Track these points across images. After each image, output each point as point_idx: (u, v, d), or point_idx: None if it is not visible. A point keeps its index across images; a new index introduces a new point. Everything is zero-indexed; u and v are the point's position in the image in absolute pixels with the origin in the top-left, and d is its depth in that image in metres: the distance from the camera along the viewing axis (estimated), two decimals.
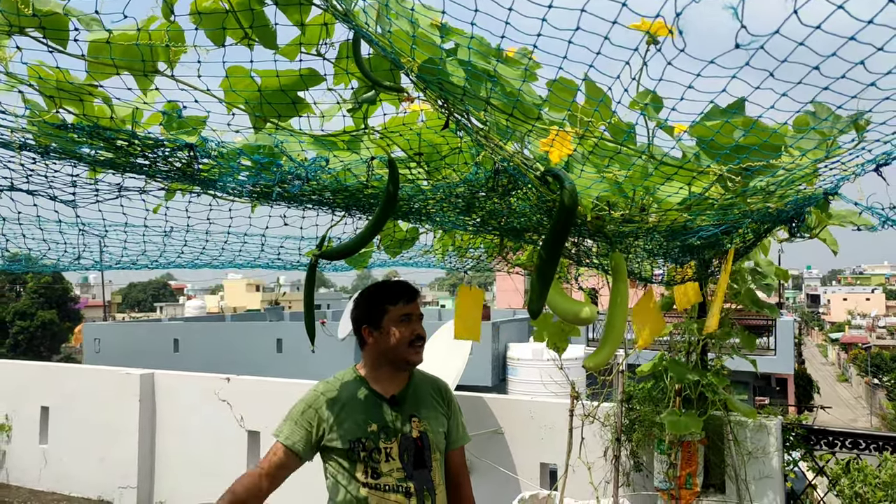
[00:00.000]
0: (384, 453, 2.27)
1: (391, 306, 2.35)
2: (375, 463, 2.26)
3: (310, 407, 2.33)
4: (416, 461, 2.32)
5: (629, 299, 2.13)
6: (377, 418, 2.30)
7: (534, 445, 5.01)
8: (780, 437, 4.27)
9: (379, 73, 1.69)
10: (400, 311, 2.35)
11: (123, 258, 2.44)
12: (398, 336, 2.33)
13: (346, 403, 2.32)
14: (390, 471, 2.27)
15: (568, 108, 1.42)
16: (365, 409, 2.31)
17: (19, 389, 7.32)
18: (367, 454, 2.26)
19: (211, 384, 6.23)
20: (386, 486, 2.26)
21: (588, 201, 1.91)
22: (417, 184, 2.22)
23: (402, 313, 2.35)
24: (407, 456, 2.30)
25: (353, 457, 2.26)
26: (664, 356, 4.34)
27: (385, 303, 2.36)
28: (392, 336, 2.33)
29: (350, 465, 2.27)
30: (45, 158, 1.69)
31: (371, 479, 2.26)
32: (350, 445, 2.26)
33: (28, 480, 7.12)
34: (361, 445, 2.26)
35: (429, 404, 2.43)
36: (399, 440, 2.30)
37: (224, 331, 21.62)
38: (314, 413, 2.31)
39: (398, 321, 2.34)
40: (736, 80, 1.29)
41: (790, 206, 1.98)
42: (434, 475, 2.36)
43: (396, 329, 2.33)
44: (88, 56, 1.42)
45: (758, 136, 1.43)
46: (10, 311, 50.60)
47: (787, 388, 25.59)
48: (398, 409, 2.35)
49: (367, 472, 2.26)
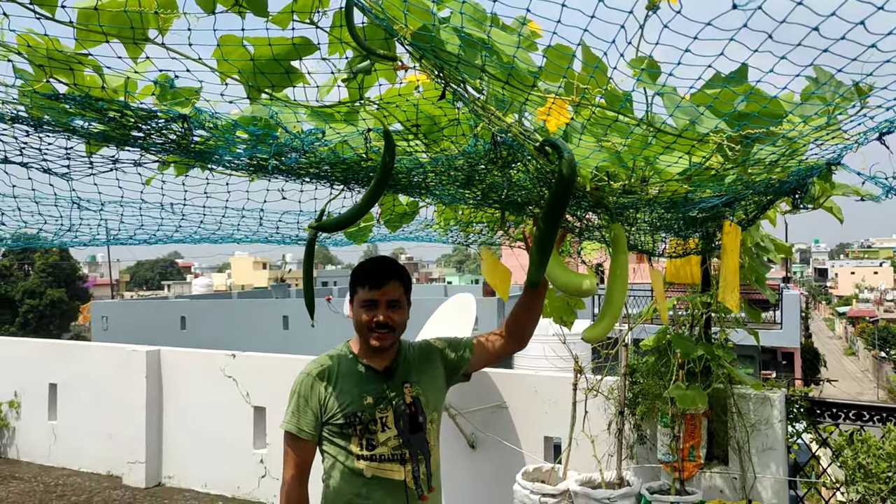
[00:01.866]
0: (380, 423, 2.31)
1: (359, 288, 2.36)
2: (371, 434, 2.29)
3: (309, 388, 2.33)
4: (412, 426, 2.37)
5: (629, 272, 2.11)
6: (372, 391, 2.33)
7: (537, 419, 5.03)
8: (783, 409, 4.27)
9: (374, 42, 1.66)
10: (363, 295, 2.34)
11: (121, 232, 2.43)
12: (358, 320, 2.36)
13: (340, 379, 2.34)
14: (386, 440, 2.31)
15: (563, 76, 1.40)
16: (359, 383, 2.33)
17: (27, 367, 7.38)
18: (364, 426, 2.29)
19: (217, 360, 6.26)
20: (381, 456, 2.30)
21: (587, 171, 1.89)
22: (416, 156, 2.20)
23: (365, 298, 2.34)
24: (402, 422, 2.34)
25: (347, 431, 2.29)
26: (668, 330, 4.34)
27: (356, 283, 2.37)
28: (357, 319, 2.36)
29: (345, 440, 2.30)
30: (38, 131, 1.68)
31: (366, 451, 2.29)
32: (346, 420, 2.29)
33: (38, 456, 7.20)
34: (358, 419, 2.29)
35: (419, 368, 2.46)
36: (393, 408, 2.34)
37: (231, 308, 21.73)
38: (313, 393, 2.32)
39: (360, 305, 2.35)
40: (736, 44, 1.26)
41: (792, 177, 1.95)
42: (429, 436, 2.44)
43: (358, 312, 2.36)
44: (78, 23, 1.40)
45: (757, 104, 1.41)
46: (19, 289, 50.93)
47: (793, 361, 25.59)
48: (390, 380, 2.38)
49: (361, 445, 2.29)
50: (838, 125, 1.48)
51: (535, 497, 4.16)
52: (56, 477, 6.71)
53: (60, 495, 6.17)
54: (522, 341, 2.64)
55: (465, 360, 2.57)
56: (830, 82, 1.39)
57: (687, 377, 4.16)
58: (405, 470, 2.34)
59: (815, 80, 1.42)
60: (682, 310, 4.50)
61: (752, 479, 4.20)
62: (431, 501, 2.43)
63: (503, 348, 2.62)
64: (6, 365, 7.55)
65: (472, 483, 5.25)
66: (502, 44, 1.36)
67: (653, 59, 1.32)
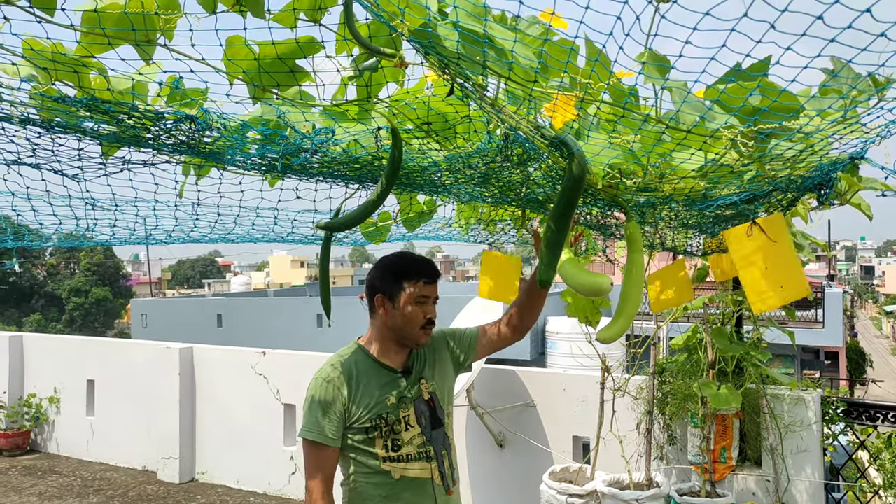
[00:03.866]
0: (403, 423, 2.27)
1: (411, 283, 2.27)
2: (396, 434, 2.25)
3: (329, 393, 2.23)
4: (433, 421, 2.34)
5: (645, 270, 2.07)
6: (393, 390, 2.29)
7: (566, 418, 4.98)
8: (819, 410, 4.16)
9: (379, 40, 1.65)
10: (419, 290, 2.28)
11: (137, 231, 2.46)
12: (411, 316, 2.27)
13: (360, 381, 2.27)
14: (411, 439, 2.27)
15: (564, 70, 1.37)
16: (380, 384, 2.28)
17: (66, 363, 7.55)
18: (389, 428, 2.25)
19: (247, 358, 6.33)
20: (408, 455, 2.26)
21: (599, 169, 1.85)
22: (430, 155, 2.18)
23: (420, 294, 2.28)
24: (424, 419, 2.31)
25: (373, 434, 2.23)
26: (699, 328, 4.26)
27: (405, 278, 2.28)
28: (404, 314, 2.27)
29: (368, 443, 2.24)
30: (49, 133, 1.70)
31: (392, 453, 2.24)
32: (372, 423, 2.23)
33: (76, 451, 7.36)
34: (384, 421, 2.24)
35: (430, 362, 2.43)
36: (414, 406, 2.30)
37: (266, 306, 21.98)
38: (335, 397, 2.23)
39: (414, 301, 2.27)
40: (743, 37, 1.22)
41: (814, 173, 1.89)
42: (448, 430, 2.40)
43: (411, 308, 2.27)
44: (83, 26, 1.41)
45: (769, 97, 1.36)
46: (65, 287, 52.21)
47: (838, 361, 25.01)
48: (409, 377, 2.34)
49: (387, 447, 2.24)
50: (857, 118, 1.42)
51: (561, 497, 4.12)
52: (94, 471, 6.86)
53: (97, 490, 6.30)
54: (522, 333, 2.60)
55: (472, 351, 2.55)
56: (846, 73, 1.34)
57: (718, 377, 4.08)
58: (431, 467, 2.31)
59: (831, 71, 1.37)
60: (714, 308, 4.42)
61: (787, 481, 4.11)
62: (455, 494, 2.41)
63: (504, 339, 2.59)
64: (47, 361, 7.73)
65: (500, 482, 5.22)
66: (502, 39, 1.34)
67: (653, 51, 1.28)
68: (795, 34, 1.12)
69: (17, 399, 7.64)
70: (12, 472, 6.81)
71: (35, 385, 7.69)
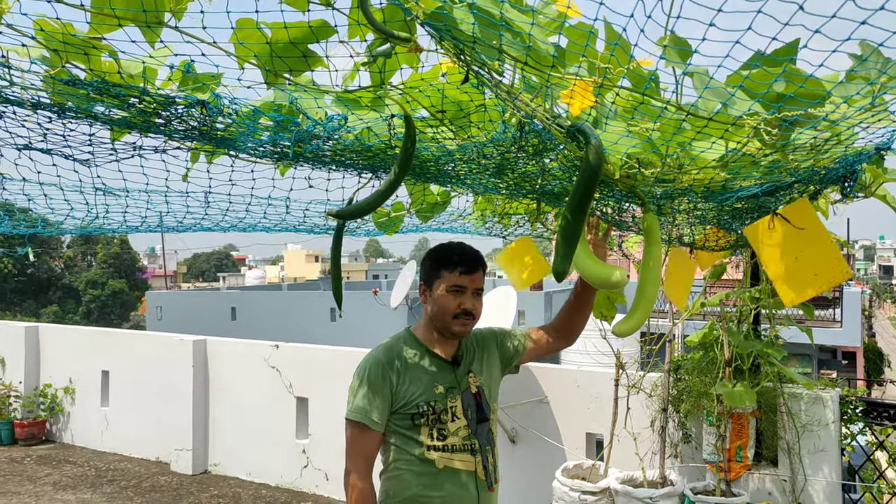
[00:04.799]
0: (450, 413, 2.25)
1: (446, 272, 2.28)
2: (443, 424, 2.23)
3: (380, 375, 2.21)
4: (479, 416, 2.32)
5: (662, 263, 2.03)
6: (442, 380, 2.28)
7: (580, 415, 4.94)
8: (837, 409, 4.10)
9: (393, 25, 1.61)
10: (453, 279, 2.27)
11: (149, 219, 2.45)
12: (444, 305, 2.27)
13: (410, 367, 2.25)
14: (457, 430, 2.25)
15: (583, 54, 1.33)
16: (430, 372, 2.27)
17: (81, 354, 7.60)
18: (436, 416, 2.23)
19: (261, 351, 6.33)
20: (453, 446, 2.24)
21: (617, 159, 1.81)
22: (444, 144, 2.15)
23: (454, 283, 2.27)
24: (470, 412, 2.29)
25: (419, 421, 2.21)
26: (715, 325, 4.20)
27: (442, 266, 2.29)
28: (437, 303, 2.28)
29: (414, 430, 2.22)
30: (61, 118, 1.68)
31: (437, 442, 2.23)
32: (419, 410, 2.21)
33: (91, 441, 7.41)
34: (431, 408, 2.22)
35: (479, 357, 2.42)
36: (461, 397, 2.29)
37: (280, 300, 22.06)
38: (385, 381, 2.21)
39: (447, 290, 2.27)
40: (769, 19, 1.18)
41: (839, 164, 1.84)
42: (493, 426, 2.39)
43: (444, 297, 2.27)
44: (92, 6, 1.39)
45: (794, 83, 1.31)
46: (82, 279, 52.72)
47: (855, 361, 24.77)
48: (458, 368, 2.33)
49: (432, 435, 2.22)
50: (885, 106, 1.38)
51: (574, 494, 4.09)
52: (108, 462, 6.89)
53: (111, 480, 6.33)
54: (571, 338, 2.63)
55: (519, 352, 2.54)
56: (875, 58, 1.29)
57: (734, 375, 4.03)
58: (475, 461, 2.29)
59: (859, 56, 1.32)
60: (730, 305, 4.36)
61: (803, 481, 4.05)
62: (495, 493, 2.40)
63: (553, 344, 2.61)
64: (62, 352, 7.79)
65: (512, 478, 5.18)
66: (519, 22, 1.30)
67: (675, 34, 1.24)
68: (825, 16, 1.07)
69: (33, 389, 7.70)
70: (27, 462, 6.86)
71: (51, 375, 7.75)
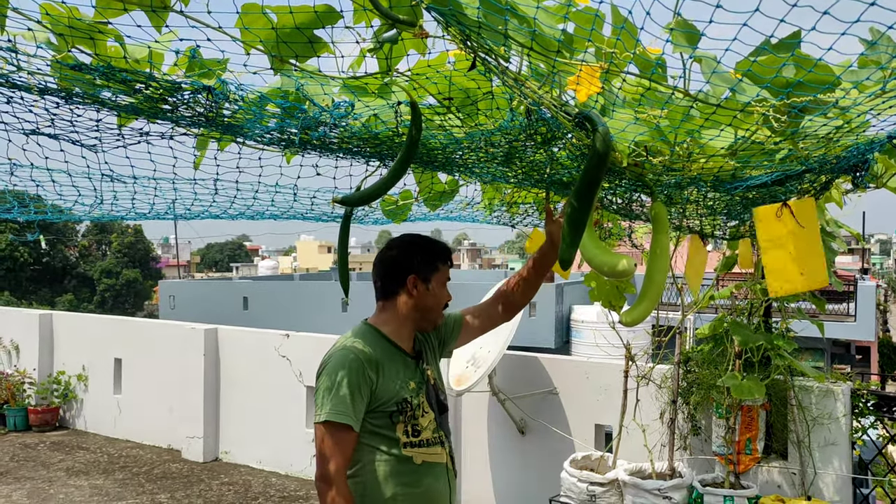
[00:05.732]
0: (421, 408, 2.24)
1: (443, 266, 2.32)
2: (416, 420, 2.21)
3: (360, 374, 2.12)
4: (440, 407, 2.33)
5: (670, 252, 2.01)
6: (412, 375, 2.26)
7: (589, 406, 4.93)
8: (848, 403, 4.07)
9: (399, 10, 1.60)
10: (447, 273, 2.34)
11: (156, 206, 2.46)
12: (439, 298, 2.31)
13: (386, 364, 2.19)
14: (427, 424, 2.25)
15: (588, 38, 1.31)
16: (402, 369, 2.24)
17: (94, 342, 7.66)
18: (412, 412, 2.20)
19: (271, 340, 6.36)
20: (427, 440, 2.23)
21: (624, 146, 1.79)
22: (451, 131, 2.14)
23: (447, 276, 2.34)
24: (433, 404, 2.30)
25: (397, 419, 2.17)
26: (725, 318, 4.18)
27: (438, 260, 2.31)
28: (435, 296, 2.30)
29: (390, 428, 2.17)
30: (68, 103, 1.69)
31: (413, 438, 2.20)
32: (398, 407, 2.17)
33: (103, 428, 7.48)
34: (408, 405, 2.19)
35: (426, 348, 2.42)
36: (425, 391, 2.28)
37: (292, 290, 22.10)
38: (365, 379, 2.12)
39: (443, 283, 2.32)
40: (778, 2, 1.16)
41: (850, 153, 1.82)
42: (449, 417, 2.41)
43: (441, 291, 2.31)
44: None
45: (803, 69, 1.30)
46: (97, 269, 53.10)
47: (869, 356, 24.57)
48: (420, 362, 2.33)
49: (408, 432, 2.19)
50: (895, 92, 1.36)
51: (582, 485, 4.08)
52: (120, 448, 6.96)
53: (123, 466, 6.39)
54: (515, 310, 2.62)
55: (454, 336, 2.53)
56: (886, 43, 1.27)
57: (744, 367, 4.01)
58: (445, 452, 2.30)
59: (869, 41, 1.30)
60: (741, 297, 4.34)
61: (813, 474, 4.03)
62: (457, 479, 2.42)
63: (494, 319, 2.59)
64: (75, 340, 7.85)
65: (521, 469, 5.19)
66: (524, 6, 1.29)
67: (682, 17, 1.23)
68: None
69: (47, 376, 7.77)
70: (41, 448, 6.93)
71: (64, 363, 7.82)
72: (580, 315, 16.48)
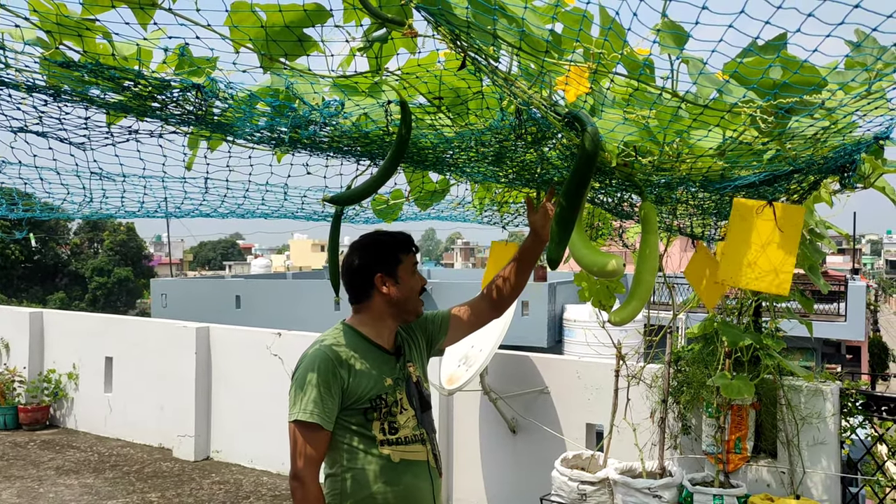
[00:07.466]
0: (399, 405, 2.23)
1: (405, 255, 2.29)
2: (393, 417, 2.21)
3: (331, 372, 2.13)
4: (422, 404, 2.33)
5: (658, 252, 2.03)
6: (389, 372, 2.26)
7: (580, 405, 4.94)
8: (837, 402, 4.09)
9: (389, 10, 1.61)
10: (412, 260, 2.32)
11: (146, 205, 2.45)
12: (412, 287, 2.30)
13: (358, 362, 2.20)
14: (406, 421, 2.24)
15: (577, 39, 1.32)
16: (376, 364, 2.24)
17: (85, 340, 7.63)
18: (388, 409, 2.20)
19: (263, 338, 6.35)
20: (406, 438, 2.22)
21: (613, 146, 1.80)
22: (441, 131, 2.14)
23: (413, 263, 2.32)
24: (415, 401, 2.29)
25: (371, 416, 2.17)
26: (715, 318, 4.20)
27: (399, 252, 2.29)
28: (407, 286, 2.28)
29: (366, 426, 2.17)
30: (56, 101, 1.68)
31: (390, 436, 2.19)
32: (371, 404, 2.17)
33: (94, 426, 7.45)
34: (383, 402, 2.19)
35: (411, 345, 2.41)
36: (405, 388, 2.27)
37: (284, 288, 22.06)
38: (335, 377, 2.13)
39: (411, 271, 2.31)
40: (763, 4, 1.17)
41: (837, 154, 1.83)
42: (433, 415, 2.40)
43: (410, 279, 2.29)
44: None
45: (789, 70, 1.30)
46: (88, 267, 52.86)
47: (860, 356, 24.71)
48: (400, 358, 2.32)
49: (384, 430, 2.18)
50: (882, 93, 1.37)
51: (573, 484, 4.10)
52: (111, 447, 6.93)
53: (113, 465, 6.37)
54: (502, 308, 2.56)
55: (443, 334, 2.51)
56: (870, 44, 1.28)
57: (734, 367, 4.03)
58: (426, 450, 2.28)
59: (854, 43, 1.31)
60: (731, 297, 4.35)
61: (801, 473, 4.05)
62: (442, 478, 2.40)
63: (481, 317, 2.56)
64: (66, 338, 7.82)
65: (512, 468, 5.20)
66: (513, 6, 1.29)
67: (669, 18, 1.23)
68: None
69: (37, 375, 7.74)
70: (31, 446, 6.90)
71: (54, 361, 7.78)
72: (573, 314, 16.53)
